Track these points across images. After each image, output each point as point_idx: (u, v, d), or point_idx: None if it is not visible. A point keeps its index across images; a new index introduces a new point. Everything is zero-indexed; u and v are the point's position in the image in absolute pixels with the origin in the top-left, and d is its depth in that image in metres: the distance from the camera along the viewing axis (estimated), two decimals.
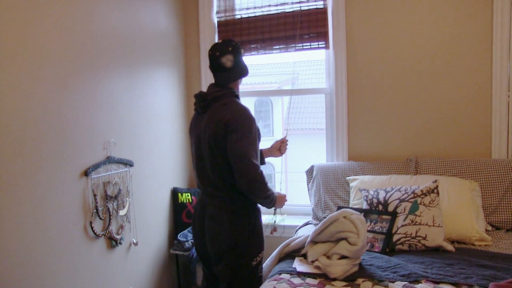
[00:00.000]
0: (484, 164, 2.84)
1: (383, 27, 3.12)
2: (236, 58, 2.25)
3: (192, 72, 3.64)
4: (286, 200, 2.43)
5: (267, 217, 3.44)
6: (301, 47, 3.32)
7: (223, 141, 2.11)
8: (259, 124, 2.50)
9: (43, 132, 2.12)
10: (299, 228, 3.04)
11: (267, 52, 3.42)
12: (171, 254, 3.27)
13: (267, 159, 2.64)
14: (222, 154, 2.14)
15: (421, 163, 2.97)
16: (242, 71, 2.30)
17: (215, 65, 2.27)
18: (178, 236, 3.22)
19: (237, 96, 2.26)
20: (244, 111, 2.15)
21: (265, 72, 9.90)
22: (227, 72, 2.25)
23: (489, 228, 2.69)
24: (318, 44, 3.27)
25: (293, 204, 3.57)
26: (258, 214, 2.32)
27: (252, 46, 3.43)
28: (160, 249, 3.21)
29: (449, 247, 2.39)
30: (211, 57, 2.28)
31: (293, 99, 7.70)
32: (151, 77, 3.12)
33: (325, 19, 3.23)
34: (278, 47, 3.37)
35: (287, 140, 2.69)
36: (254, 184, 2.08)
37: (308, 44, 3.29)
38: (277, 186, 3.70)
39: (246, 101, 2.57)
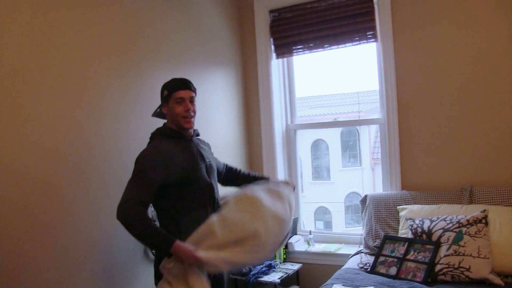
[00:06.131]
0: None
1: (433, 55, 3.10)
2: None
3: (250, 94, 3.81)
4: (194, 257, 1.91)
5: None
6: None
7: None
8: (346, 153, 2.57)
9: (108, 163, 2.51)
10: (351, 257, 3.08)
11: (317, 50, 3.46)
12: (230, 278, 3.47)
13: None
14: None
15: (475, 192, 2.86)
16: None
17: None
18: None
19: (160, 134, 2.25)
20: (143, 152, 2.14)
21: (348, 102, 9.90)
22: None
23: None
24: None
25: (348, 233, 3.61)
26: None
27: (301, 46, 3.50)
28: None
29: (497, 280, 2.30)
30: None
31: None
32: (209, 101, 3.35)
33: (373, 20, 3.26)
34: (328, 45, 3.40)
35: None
36: (120, 220, 1.94)
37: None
38: None
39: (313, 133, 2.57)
